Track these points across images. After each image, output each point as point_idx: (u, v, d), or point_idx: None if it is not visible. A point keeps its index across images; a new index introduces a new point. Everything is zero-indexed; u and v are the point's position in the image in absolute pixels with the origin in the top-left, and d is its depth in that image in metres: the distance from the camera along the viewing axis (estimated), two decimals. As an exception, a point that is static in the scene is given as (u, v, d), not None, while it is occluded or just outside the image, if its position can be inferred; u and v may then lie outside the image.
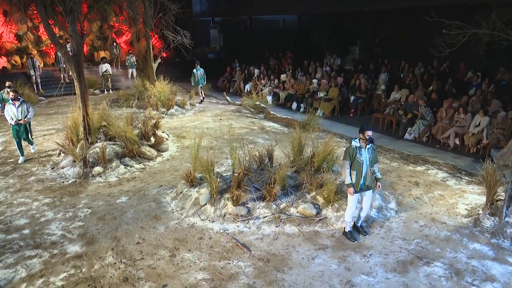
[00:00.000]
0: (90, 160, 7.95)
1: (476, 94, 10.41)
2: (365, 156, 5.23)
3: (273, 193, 6.22)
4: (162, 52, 18.05)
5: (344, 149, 5.50)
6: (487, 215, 5.79)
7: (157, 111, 12.73)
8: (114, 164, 8.07)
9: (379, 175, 5.49)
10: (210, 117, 12.84)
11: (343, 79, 13.42)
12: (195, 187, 6.68)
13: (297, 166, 6.93)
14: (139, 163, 8.39)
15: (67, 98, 16.10)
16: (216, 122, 12.17)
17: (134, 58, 18.16)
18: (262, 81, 15.59)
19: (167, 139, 9.90)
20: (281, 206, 6.21)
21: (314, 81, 13.56)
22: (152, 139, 9.34)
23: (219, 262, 5.04)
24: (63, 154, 8.70)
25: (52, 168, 8.24)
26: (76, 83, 8.59)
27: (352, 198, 5.36)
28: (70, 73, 17.94)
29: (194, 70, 14.45)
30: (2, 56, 17.51)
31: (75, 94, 12.88)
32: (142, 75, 16.81)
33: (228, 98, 15.06)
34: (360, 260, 5.05)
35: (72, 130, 8.67)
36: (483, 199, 6.47)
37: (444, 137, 9.32)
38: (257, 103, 13.03)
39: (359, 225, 5.75)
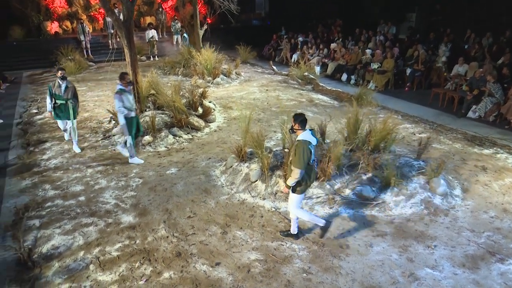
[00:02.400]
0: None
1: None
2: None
3: (328, 173, 5.90)
4: (207, 18, 17.71)
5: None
6: None
7: (203, 80, 12.56)
8: (163, 133, 8.03)
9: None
10: (256, 87, 12.50)
11: (398, 50, 12.46)
12: (245, 162, 6.49)
13: (353, 145, 6.51)
14: (187, 134, 8.31)
15: (115, 64, 16.30)
16: (262, 92, 11.82)
17: (179, 24, 17.97)
18: (310, 50, 14.89)
19: (214, 109, 9.74)
20: (336, 187, 5.90)
21: (368, 51, 12.71)
22: (200, 109, 9.21)
23: (272, 243, 4.88)
24: (113, 122, 8.80)
25: (104, 135, 8.36)
26: (126, 50, 8.50)
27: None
28: (118, 39, 18.25)
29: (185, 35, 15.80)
30: (54, 21, 17.90)
31: (123, 60, 12.97)
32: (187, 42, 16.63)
33: (274, 67, 14.58)
34: (424, 251, 4.69)
35: (122, 98, 8.67)
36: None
37: (514, 117, 8.44)
38: (305, 73, 12.47)
39: None
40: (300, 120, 4.52)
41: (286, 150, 6.63)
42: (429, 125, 8.97)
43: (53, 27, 17.83)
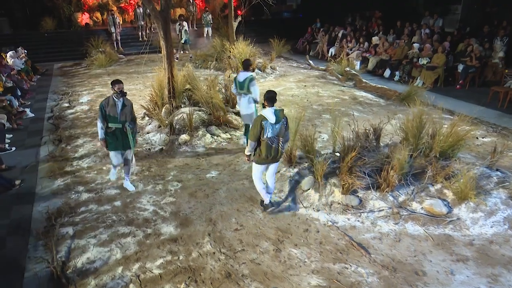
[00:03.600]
0: (177, 127, 7.43)
1: None
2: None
3: (391, 183, 5.19)
4: (240, 10, 17.05)
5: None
6: None
7: (237, 74, 11.92)
8: (200, 132, 7.48)
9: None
10: (293, 82, 11.80)
11: (449, 44, 11.46)
12: (294, 167, 5.85)
13: (419, 151, 5.74)
14: (225, 133, 7.73)
15: (145, 57, 15.93)
16: (300, 89, 11.11)
17: (210, 16, 17.38)
18: (349, 44, 14.02)
19: (251, 106, 9.11)
20: (400, 199, 5.18)
21: (415, 45, 11.76)
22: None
23: (334, 264, 4.24)
24: (147, 118, 8.33)
25: (138, 133, 7.88)
26: (162, 42, 7.97)
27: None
28: (148, 31, 17.89)
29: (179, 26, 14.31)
30: (85, 13, 17.67)
31: (158, 53, 12.59)
32: (218, 34, 16.04)
33: (310, 62, 13.82)
34: None
35: (157, 92, 8.17)
36: None
37: None
38: (347, 69, 11.66)
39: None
40: (267, 97, 4.77)
41: (337, 154, 5.94)
42: (492, 128, 8.07)
43: (83, 18, 17.62)
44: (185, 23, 16.04)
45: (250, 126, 5.33)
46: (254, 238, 4.69)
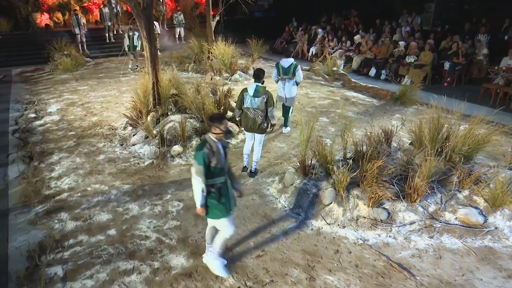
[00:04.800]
0: (167, 137, 6.67)
1: None
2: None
3: (420, 191, 4.76)
4: (213, 9, 16.32)
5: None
6: None
7: (220, 76, 11.26)
8: (194, 142, 6.77)
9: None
10: (279, 84, 11.26)
11: (433, 42, 11.39)
12: (310, 179, 5.30)
13: (444, 155, 5.36)
14: (221, 141, 7.05)
15: (115, 60, 14.88)
16: (288, 90, 10.59)
17: (182, 16, 16.55)
18: (331, 43, 13.71)
19: (242, 111, 8.48)
20: (430, 209, 4.77)
21: (401, 43, 11.59)
22: (229, 112, 7.96)
23: (379, 292, 3.73)
24: (130, 128, 7.48)
25: (121, 145, 7.04)
26: (145, 43, 7.19)
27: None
28: (116, 32, 16.74)
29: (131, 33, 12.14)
30: (44, 13, 16.25)
31: (121, 55, 11.62)
32: (192, 35, 15.26)
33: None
34: None
35: (142, 99, 7.35)
36: None
37: None
38: (334, 68, 11.30)
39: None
40: (254, 73, 5.69)
41: (349, 161, 5.45)
42: (492, 126, 7.91)
43: (43, 19, 16.16)
44: (155, 23, 15.11)
45: (292, 108, 7.65)
46: (281, 266, 4.09)
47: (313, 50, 14.18)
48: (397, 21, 14.29)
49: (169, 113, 7.59)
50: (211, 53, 11.71)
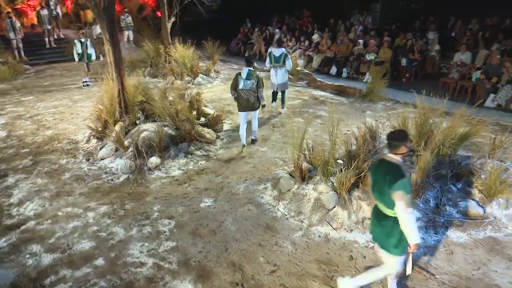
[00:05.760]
0: (142, 148, 6.09)
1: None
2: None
3: (421, 188, 4.74)
4: (157, 11, 15.68)
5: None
6: None
7: (181, 80, 10.70)
8: (171, 152, 6.26)
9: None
10: (243, 86, 10.97)
11: (390, 39, 11.79)
12: (308, 183, 5.07)
13: (436, 151, 5.39)
14: (199, 149, 6.62)
15: (58, 67, 13.65)
16: (255, 92, 10.34)
17: (130, 18, 15.63)
18: (290, 43, 13.69)
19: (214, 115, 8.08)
20: (431, 205, 4.76)
21: (360, 41, 11.84)
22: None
23: (405, 296, 3.59)
24: (95, 140, 6.76)
25: (88, 160, 6.32)
26: (108, 47, 6.52)
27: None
28: (56, 36, 15.37)
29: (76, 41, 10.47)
30: (-30, 16, 14.47)
31: (68, 61, 10.54)
32: (142, 38, 14.47)
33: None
34: None
35: (107, 108, 6.66)
36: None
37: (542, 105, 8.09)
38: (298, 68, 11.24)
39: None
40: (245, 59, 6.73)
41: (339, 161, 5.32)
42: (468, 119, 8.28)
43: (-32, 23, 14.35)
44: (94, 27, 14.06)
45: (286, 90, 8.66)
46: (298, 280, 3.80)
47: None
48: (350, 21, 14.67)
49: (137, 122, 6.97)
50: (169, 56, 11.10)
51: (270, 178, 5.70)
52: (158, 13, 16.80)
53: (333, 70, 12.08)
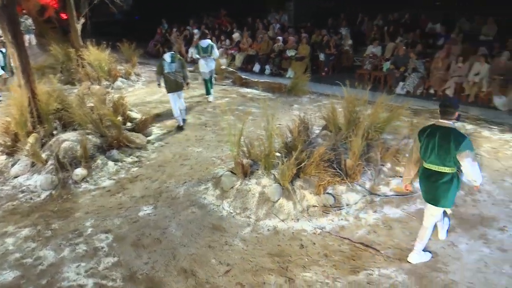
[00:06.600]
0: (64, 160, 5.49)
1: (446, 44, 10.36)
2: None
3: (358, 171, 4.99)
4: (60, 13, 14.50)
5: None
6: None
7: (99, 85, 9.93)
8: (99, 161, 5.75)
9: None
10: (168, 88, 10.57)
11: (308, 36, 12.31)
12: (250, 178, 5.02)
13: (366, 135, 5.70)
14: (129, 156, 6.19)
15: None
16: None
17: (30, 21, 14.14)
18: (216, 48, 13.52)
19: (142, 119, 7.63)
20: (367, 187, 5.04)
21: (279, 38, 12.16)
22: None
23: (357, 275, 3.72)
24: (5, 157, 5.92)
25: (-2, 180, 5.51)
26: (11, 49, 5.76)
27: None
28: None
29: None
30: None
31: None
32: (44, 42, 13.22)
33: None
34: (502, 235, 4.25)
35: (18, 119, 5.87)
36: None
37: (443, 89, 9.10)
38: (223, 67, 11.17)
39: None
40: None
41: (278, 154, 5.40)
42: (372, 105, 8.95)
43: None
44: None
45: (213, 78, 9.52)
46: (254, 276, 3.73)
47: (191, 51, 13.78)
48: (267, 19, 15.03)
49: (55, 132, 6.28)
50: (82, 59, 10.22)
51: (210, 177, 5.54)
52: (63, 15, 15.47)
53: (256, 67, 12.25)
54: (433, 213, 3.72)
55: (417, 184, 5.06)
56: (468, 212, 4.68)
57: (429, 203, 3.68)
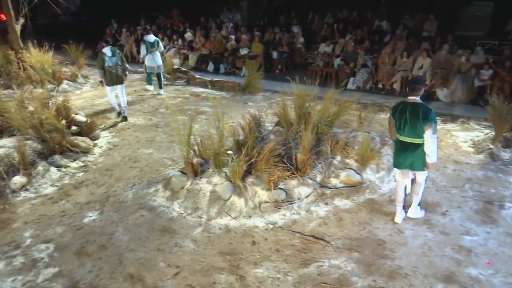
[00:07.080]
0: (1, 168, 5.11)
1: (392, 40, 10.79)
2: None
3: (308, 165, 5.03)
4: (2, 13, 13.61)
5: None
6: (501, 148, 5.93)
7: (42, 88, 9.38)
8: (40, 167, 5.40)
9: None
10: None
11: (261, 34, 12.36)
12: (201, 177, 4.92)
13: (315, 129, 5.77)
14: (74, 160, 5.88)
15: None
16: (132, 94, 9.73)
17: (-36, 22, 13.08)
18: (163, 43, 13.21)
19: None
20: (318, 180, 5.10)
21: (232, 37, 12.10)
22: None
23: (308, 268, 3.74)
24: None
25: None
26: None
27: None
28: None
29: None
30: None
31: None
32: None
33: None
34: (444, 219, 4.46)
35: None
36: (471, 135, 6.76)
37: (390, 83, 9.45)
38: (175, 67, 10.94)
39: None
40: (104, 41, 8.11)
41: (229, 152, 5.36)
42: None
43: None
44: None
45: (162, 71, 9.68)
46: (204, 276, 3.64)
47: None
48: (220, 18, 14.93)
49: (-11, 140, 5.84)
50: (23, 62, 9.62)
51: (161, 179, 5.38)
52: (1, 15, 14.53)
53: (211, 67, 12.13)
54: (419, 177, 4.22)
55: (365, 175, 5.26)
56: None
57: (408, 168, 4.14)
